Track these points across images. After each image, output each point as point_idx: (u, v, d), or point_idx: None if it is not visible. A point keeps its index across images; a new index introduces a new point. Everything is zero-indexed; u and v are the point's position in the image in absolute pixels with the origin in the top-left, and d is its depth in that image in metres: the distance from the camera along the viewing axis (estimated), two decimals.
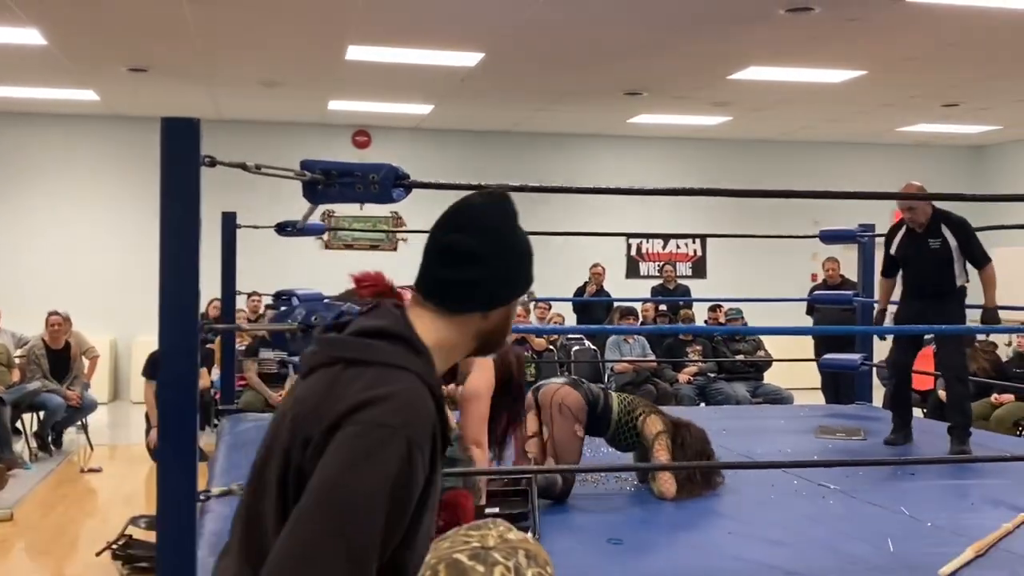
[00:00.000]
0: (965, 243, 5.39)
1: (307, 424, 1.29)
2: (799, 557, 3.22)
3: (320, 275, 10.56)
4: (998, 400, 8.03)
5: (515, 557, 1.18)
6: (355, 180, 2.71)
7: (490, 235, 1.43)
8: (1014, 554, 3.20)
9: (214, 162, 2.44)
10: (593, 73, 9.09)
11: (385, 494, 1.22)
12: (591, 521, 3.57)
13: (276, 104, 10.90)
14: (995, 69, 8.83)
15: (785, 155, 13.29)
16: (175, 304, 2.36)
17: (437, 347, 1.38)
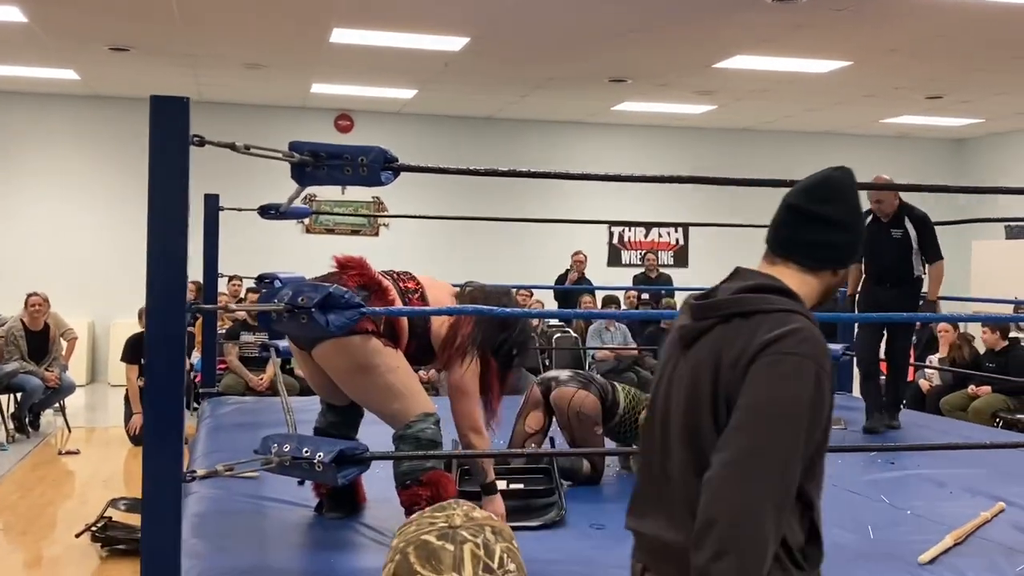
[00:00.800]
0: (923, 237, 5.68)
1: (730, 368, 1.50)
2: None
3: (301, 259, 10.52)
4: (975, 392, 8.12)
5: (483, 534, 1.20)
6: (344, 163, 2.70)
7: (849, 204, 1.68)
8: (992, 542, 3.24)
9: (203, 141, 2.43)
10: (578, 59, 9.09)
11: (803, 410, 1.45)
12: (574, 506, 3.59)
13: (259, 86, 10.83)
14: (978, 62, 8.89)
15: (769, 145, 13.34)
16: (163, 285, 2.35)
17: (801, 297, 1.62)
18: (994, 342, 8.20)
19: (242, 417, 5.52)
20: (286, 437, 2.81)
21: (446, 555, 1.17)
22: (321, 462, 2.65)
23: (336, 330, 2.69)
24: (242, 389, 7.86)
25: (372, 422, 5.40)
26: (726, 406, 1.50)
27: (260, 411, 5.76)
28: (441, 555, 1.17)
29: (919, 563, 2.98)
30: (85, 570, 4.87)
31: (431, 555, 1.17)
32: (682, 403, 1.58)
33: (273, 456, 2.70)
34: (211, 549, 3.00)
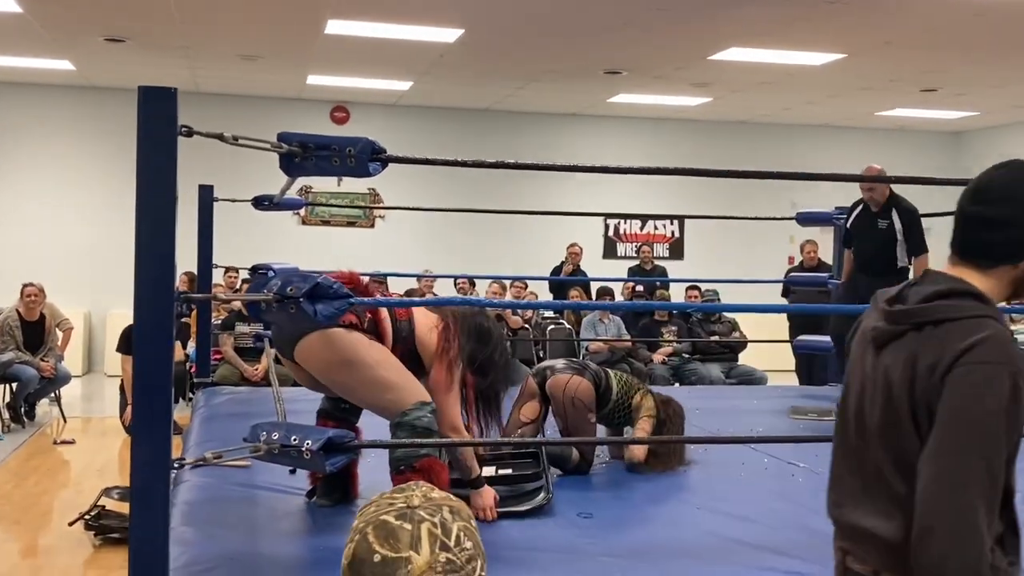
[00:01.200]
0: (908, 229, 5.77)
1: (926, 377, 1.58)
2: (769, 532, 3.28)
3: (297, 251, 10.58)
4: None
5: (440, 513, 1.23)
6: (332, 153, 2.72)
7: (1015, 200, 1.73)
8: None
9: (191, 132, 2.44)
10: (573, 51, 9.10)
11: (1002, 417, 1.53)
12: (562, 495, 3.61)
13: (255, 78, 10.83)
14: (974, 55, 8.90)
15: (764, 137, 13.35)
16: (151, 275, 2.37)
17: (990, 296, 1.69)
18: None
19: (236, 407, 5.54)
20: (275, 425, 2.84)
21: (404, 534, 1.20)
22: (309, 450, 2.67)
23: (324, 319, 2.71)
24: (237, 379, 7.88)
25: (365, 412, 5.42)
26: (927, 413, 1.59)
27: (254, 401, 5.78)
28: (399, 534, 1.20)
29: None
30: (78, 558, 4.90)
31: (389, 534, 1.20)
32: (880, 403, 1.67)
33: (262, 444, 2.72)
34: (200, 536, 3.03)
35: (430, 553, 1.19)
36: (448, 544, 1.20)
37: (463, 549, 1.21)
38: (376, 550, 1.19)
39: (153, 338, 2.39)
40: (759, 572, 2.86)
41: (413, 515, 1.22)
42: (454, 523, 1.22)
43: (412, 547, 1.19)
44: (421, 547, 1.19)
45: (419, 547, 1.19)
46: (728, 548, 3.14)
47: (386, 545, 1.19)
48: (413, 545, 1.19)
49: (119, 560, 4.66)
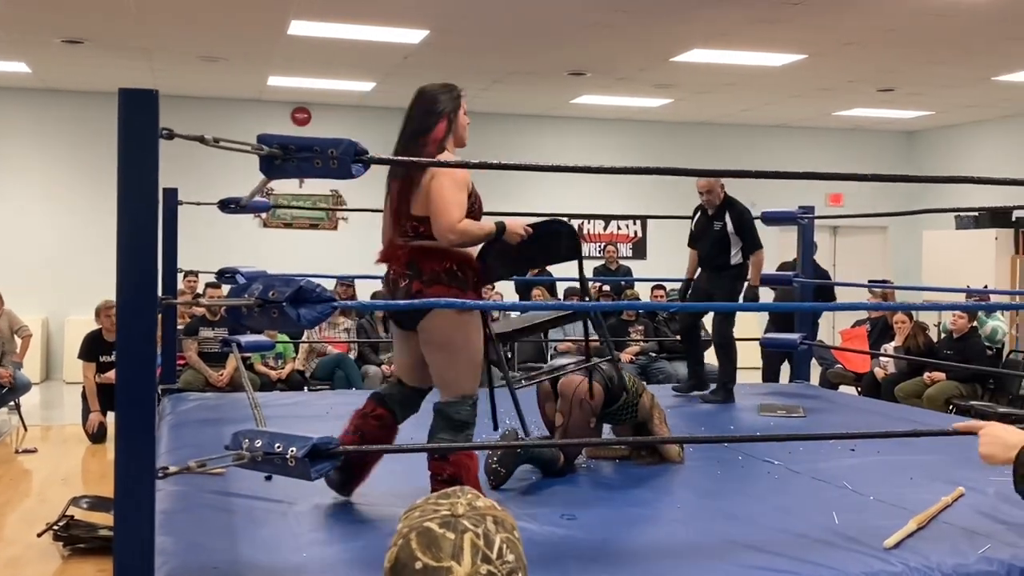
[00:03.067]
0: (740, 229, 6.22)
1: None
2: (748, 530, 3.29)
3: (260, 254, 10.48)
4: (931, 378, 8.27)
5: (484, 524, 1.22)
6: (314, 155, 2.68)
7: None
8: (954, 526, 3.31)
9: (172, 134, 2.40)
10: (537, 53, 9.10)
11: None
12: (546, 497, 3.60)
13: (215, 79, 10.71)
14: (929, 56, 9.04)
15: (725, 138, 13.45)
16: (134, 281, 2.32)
17: None
18: (962, 327, 8.35)
19: (204, 413, 5.47)
20: (257, 432, 2.79)
21: (446, 543, 1.19)
22: (294, 457, 2.63)
23: (307, 324, 2.68)
24: (201, 385, 7.79)
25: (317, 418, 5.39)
26: None
27: (222, 407, 5.71)
28: (442, 543, 1.19)
29: (884, 547, 3.03)
30: (46, 570, 4.80)
31: (432, 542, 1.19)
32: None
33: (244, 451, 2.68)
34: (181, 546, 2.97)
35: (471, 564, 1.17)
36: (490, 556, 1.19)
37: (504, 562, 1.19)
38: (419, 557, 1.18)
39: (136, 344, 2.34)
40: (741, 570, 2.87)
41: (457, 524, 1.20)
42: (497, 534, 1.21)
43: (454, 557, 1.18)
44: (463, 558, 1.18)
45: (461, 558, 1.18)
46: (711, 547, 3.14)
47: (428, 553, 1.18)
48: (455, 555, 1.18)
49: (89, 571, 4.58)
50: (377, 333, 9.00)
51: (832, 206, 13.59)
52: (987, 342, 8.79)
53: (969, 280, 11.09)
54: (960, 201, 11.35)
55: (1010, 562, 2.93)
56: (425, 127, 3.55)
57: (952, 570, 2.87)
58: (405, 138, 3.57)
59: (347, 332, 8.85)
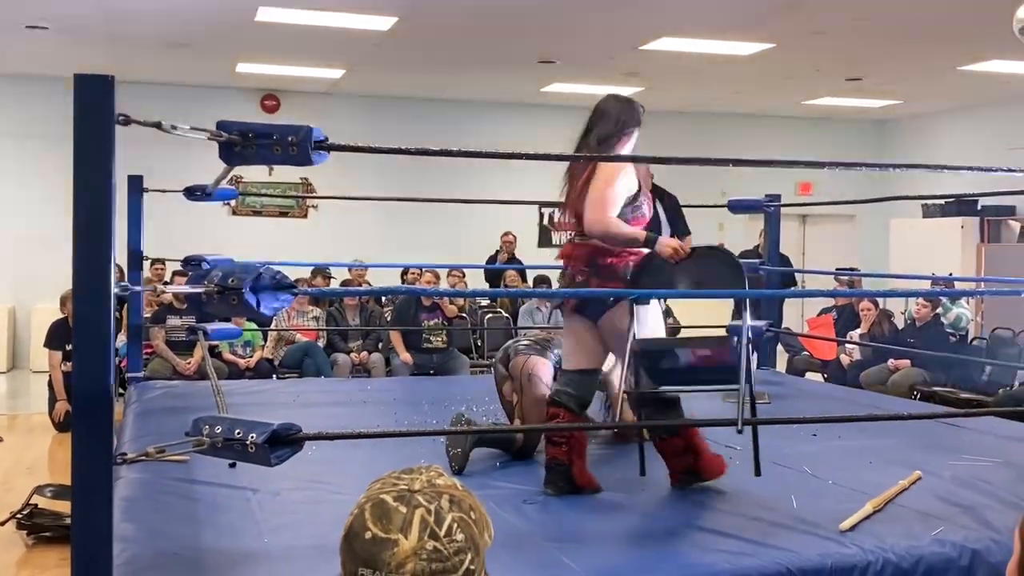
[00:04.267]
0: (672, 215, 6.29)
1: None
2: (708, 514, 3.33)
3: (228, 242, 10.41)
4: (895, 365, 8.37)
5: (438, 501, 1.24)
6: (273, 142, 2.67)
7: None
8: (909, 509, 3.37)
9: (128, 120, 2.39)
10: (507, 40, 9.10)
11: None
12: (509, 483, 3.63)
13: (182, 65, 10.62)
14: (897, 45, 9.11)
15: (695, 127, 13.50)
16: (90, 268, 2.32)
17: None
18: (925, 316, 8.44)
19: (170, 401, 5.46)
20: (218, 419, 2.79)
21: (397, 516, 1.21)
22: (254, 443, 2.64)
23: (267, 311, 2.68)
24: (169, 373, 7.76)
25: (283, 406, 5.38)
26: None
27: (188, 395, 5.70)
28: (393, 516, 1.21)
29: (840, 530, 3.08)
30: (11, 558, 4.77)
31: (384, 514, 1.22)
32: None
33: (204, 438, 2.68)
34: (142, 532, 2.98)
35: (417, 540, 1.19)
36: (438, 533, 1.21)
37: (453, 540, 1.21)
38: (369, 527, 1.21)
39: (93, 331, 2.34)
40: (700, 554, 2.91)
41: (411, 499, 1.23)
42: (449, 513, 1.23)
43: (402, 530, 1.20)
44: (411, 532, 1.20)
45: (408, 531, 1.20)
46: (671, 531, 3.19)
47: (378, 524, 1.21)
48: (403, 529, 1.20)
49: (53, 559, 4.56)
50: (346, 321, 8.98)
51: (802, 195, 13.69)
52: (951, 329, 8.90)
53: (935, 268, 11.21)
54: (927, 190, 11.43)
55: (962, 544, 2.98)
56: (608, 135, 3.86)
57: (905, 552, 2.93)
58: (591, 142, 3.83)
59: (316, 320, 8.84)
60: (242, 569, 2.76)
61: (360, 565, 1.20)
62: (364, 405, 5.59)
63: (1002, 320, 9.66)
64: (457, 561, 1.20)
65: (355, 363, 8.76)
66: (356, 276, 9.95)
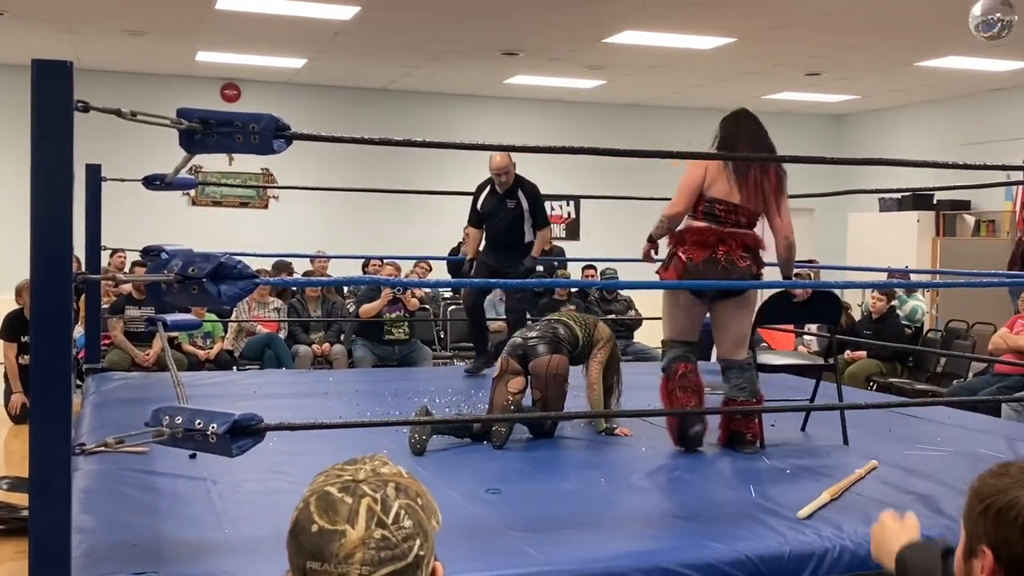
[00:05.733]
0: (533, 206, 6.44)
1: None
2: (668, 503, 3.37)
3: (187, 232, 10.31)
4: (851, 356, 8.48)
5: (383, 489, 1.23)
6: (235, 130, 2.66)
7: None
8: (866, 497, 3.42)
9: (87, 107, 2.36)
10: (470, 32, 9.07)
11: None
12: (474, 472, 3.64)
13: (141, 54, 10.48)
14: (855, 40, 9.21)
15: (657, 120, 13.56)
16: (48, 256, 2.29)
17: None
18: (880, 309, 8.55)
19: (129, 393, 5.40)
20: (178, 409, 2.77)
21: (343, 507, 1.20)
22: (215, 433, 2.62)
23: (228, 300, 2.66)
24: (128, 365, 7.68)
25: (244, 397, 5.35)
26: None
27: (147, 386, 5.65)
28: (339, 507, 1.20)
29: (798, 518, 3.12)
30: None
31: (329, 506, 1.20)
32: None
33: (164, 428, 2.66)
34: (100, 524, 2.95)
35: (365, 529, 1.18)
36: (385, 521, 1.20)
37: (401, 527, 1.20)
38: (315, 520, 1.20)
39: (51, 321, 2.31)
40: (659, 542, 2.93)
41: (356, 489, 1.21)
42: (396, 500, 1.22)
43: (348, 521, 1.19)
44: (357, 522, 1.19)
45: (355, 521, 1.19)
46: (630, 520, 3.21)
47: (324, 517, 1.19)
48: (350, 519, 1.19)
49: (10, 552, 4.50)
50: (308, 312, 8.93)
51: None
52: (907, 321, 9.04)
53: (892, 261, 11.39)
54: (884, 184, 11.62)
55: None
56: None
57: (862, 539, 2.97)
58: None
59: (277, 311, 8.78)
60: (202, 560, 2.75)
61: (307, 559, 1.19)
62: (326, 396, 5.57)
63: (956, 312, 9.83)
64: (406, 548, 1.19)
65: (317, 354, 8.72)
66: (318, 267, 9.90)
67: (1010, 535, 1.34)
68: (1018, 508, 1.35)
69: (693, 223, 4.25)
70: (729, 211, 4.21)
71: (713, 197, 4.22)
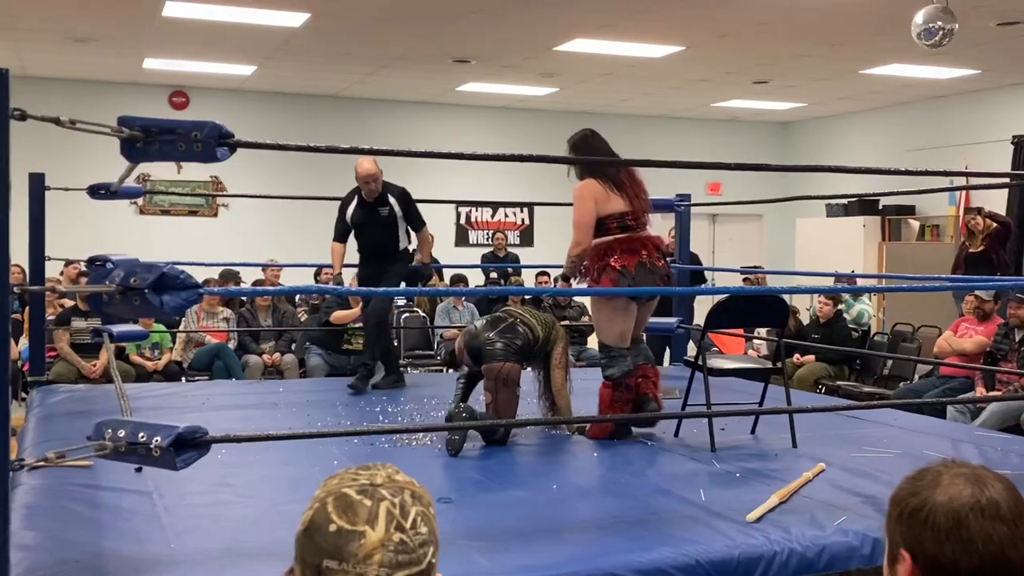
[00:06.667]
0: (406, 210, 6.23)
1: None
2: (618, 508, 3.37)
3: (135, 242, 10.16)
4: (799, 361, 8.58)
5: (401, 495, 1.25)
6: (177, 138, 2.62)
7: None
8: (814, 500, 3.45)
9: (24, 115, 2.31)
10: (422, 39, 9.06)
11: None
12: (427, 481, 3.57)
13: (87, 61, 10.32)
14: (801, 49, 9.34)
15: (608, 128, 13.39)
16: None
17: None
18: (827, 313, 8.65)
19: (74, 405, 5.30)
20: (121, 422, 2.72)
21: (363, 509, 1.21)
22: (159, 447, 2.58)
23: (171, 311, 2.62)
24: (74, 377, 7.53)
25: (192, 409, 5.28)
26: None
27: (93, 399, 5.55)
28: (358, 508, 1.22)
29: (747, 521, 3.14)
30: None
31: (348, 507, 1.22)
32: None
33: (107, 442, 2.61)
34: (42, 540, 2.88)
35: (384, 531, 1.20)
36: (404, 526, 1.21)
37: (418, 533, 1.22)
38: (333, 520, 1.21)
39: None
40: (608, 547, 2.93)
41: (375, 492, 1.23)
42: (413, 507, 1.24)
43: (368, 522, 1.20)
44: (378, 524, 1.20)
45: (375, 524, 1.20)
46: (582, 525, 3.21)
47: (343, 517, 1.21)
48: (370, 521, 1.20)
49: None
50: (258, 322, 8.84)
51: (711, 195, 13.94)
52: (854, 324, 9.17)
53: (839, 265, 11.54)
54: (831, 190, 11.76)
55: (864, 532, 3.07)
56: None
57: (810, 541, 3.00)
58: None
59: (227, 321, 8.67)
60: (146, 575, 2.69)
61: (324, 557, 1.20)
62: (276, 407, 5.51)
63: (902, 316, 9.98)
64: (422, 554, 1.21)
65: (267, 365, 8.63)
66: (270, 276, 9.80)
67: (923, 536, 1.36)
68: (927, 508, 1.37)
69: (613, 237, 4.51)
70: (631, 219, 4.55)
71: (612, 213, 4.51)
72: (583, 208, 4.53)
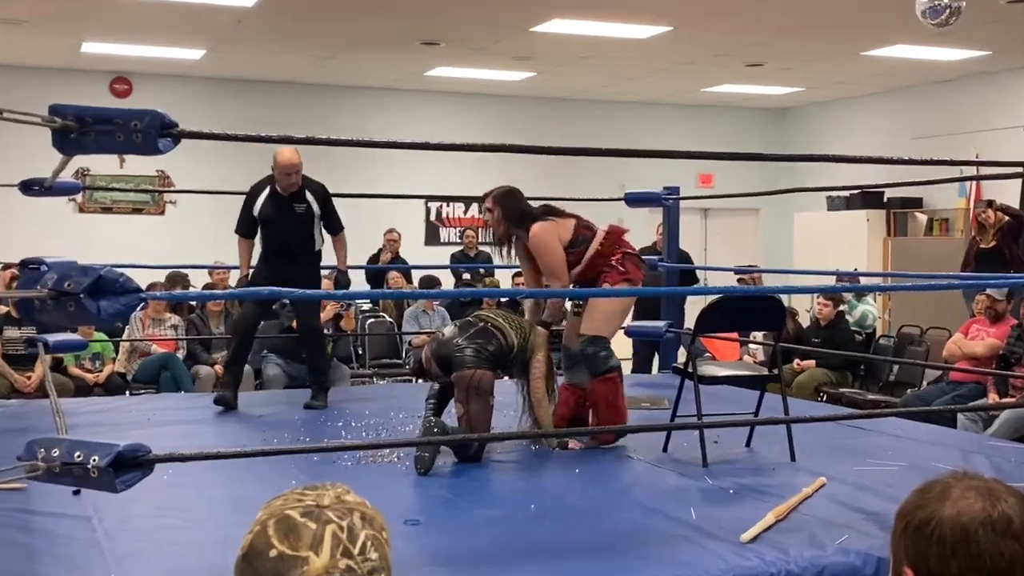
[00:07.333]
0: (324, 209, 6.13)
1: None
2: (604, 528, 3.37)
3: (74, 242, 10.08)
4: (799, 366, 8.62)
5: (350, 517, 1.23)
6: (115, 128, 2.59)
7: None
8: (812, 517, 3.46)
9: None
10: (386, 19, 9.04)
11: None
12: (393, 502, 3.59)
13: (20, 45, 10.24)
14: (799, 27, 9.36)
15: (590, 115, 13.65)
16: None
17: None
18: (827, 315, 8.70)
19: (6, 422, 5.26)
20: (55, 440, 2.69)
21: (306, 532, 1.20)
22: (97, 467, 2.55)
23: (109, 318, 2.59)
24: (6, 391, 7.47)
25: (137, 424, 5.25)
26: None
27: (27, 414, 5.51)
28: (301, 532, 1.20)
29: (741, 541, 3.15)
30: None
31: (290, 530, 1.20)
32: None
33: (40, 462, 2.58)
34: None
35: (330, 557, 1.18)
36: (351, 551, 1.19)
37: (367, 559, 1.20)
38: (275, 545, 1.19)
39: None
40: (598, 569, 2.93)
41: (320, 515, 1.21)
42: (363, 530, 1.22)
43: (312, 548, 1.18)
44: (322, 549, 1.18)
45: (320, 549, 1.18)
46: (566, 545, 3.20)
47: (285, 541, 1.19)
48: (314, 546, 1.18)
49: None
50: (209, 329, 8.78)
51: (703, 187, 13.97)
52: (857, 327, 9.22)
53: (840, 263, 11.60)
54: (831, 181, 11.85)
55: (867, 552, 3.08)
56: None
57: (809, 562, 3.01)
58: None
59: (175, 329, 8.62)
60: None
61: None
62: (228, 422, 5.48)
63: (909, 317, 10.05)
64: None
65: (219, 376, 8.57)
66: (218, 279, 9.72)
67: (928, 551, 1.36)
68: (934, 522, 1.37)
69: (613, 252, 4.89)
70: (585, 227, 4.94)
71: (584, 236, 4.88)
72: (552, 252, 4.83)
